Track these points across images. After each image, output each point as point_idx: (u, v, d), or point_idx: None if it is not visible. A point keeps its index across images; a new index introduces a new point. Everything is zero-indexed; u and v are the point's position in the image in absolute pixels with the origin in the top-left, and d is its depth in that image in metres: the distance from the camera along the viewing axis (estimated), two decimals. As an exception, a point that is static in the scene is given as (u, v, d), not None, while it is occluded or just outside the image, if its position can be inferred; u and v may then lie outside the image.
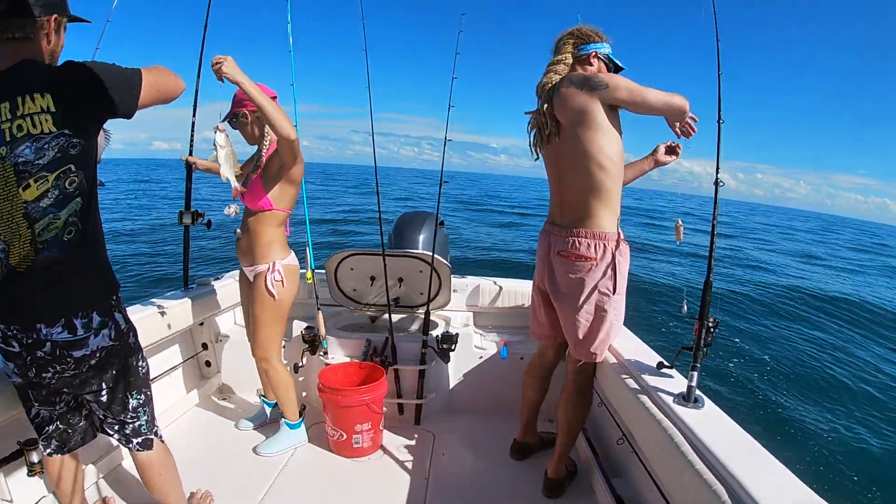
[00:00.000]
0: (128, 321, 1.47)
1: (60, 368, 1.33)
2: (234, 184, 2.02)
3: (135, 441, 1.55)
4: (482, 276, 3.29)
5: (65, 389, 1.43)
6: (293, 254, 2.33)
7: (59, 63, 1.32)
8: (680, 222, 1.86)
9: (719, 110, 1.66)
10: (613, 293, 1.84)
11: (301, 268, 2.42)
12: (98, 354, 1.36)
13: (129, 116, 1.33)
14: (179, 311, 2.60)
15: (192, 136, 2.68)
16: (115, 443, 1.98)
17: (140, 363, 1.51)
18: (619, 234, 1.84)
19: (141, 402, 1.53)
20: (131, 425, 1.52)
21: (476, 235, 14.96)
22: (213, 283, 2.95)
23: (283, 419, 2.42)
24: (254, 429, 2.59)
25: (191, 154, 2.58)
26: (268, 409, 2.65)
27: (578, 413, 2.03)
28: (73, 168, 1.24)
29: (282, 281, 2.22)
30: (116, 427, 1.52)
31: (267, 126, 2.16)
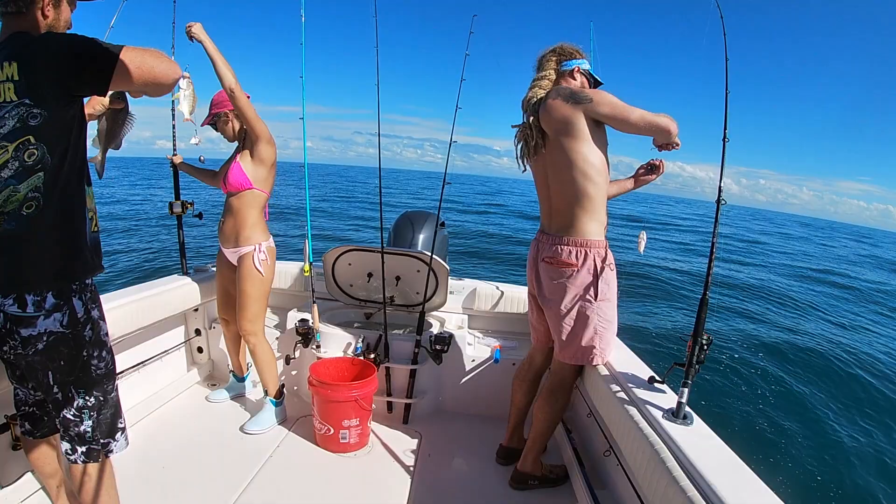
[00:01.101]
0: (88, 312, 1.35)
1: (13, 345, 1.28)
2: (187, 116, 2.19)
3: (80, 450, 1.38)
4: (480, 279, 3.28)
5: (19, 372, 1.37)
6: (271, 237, 2.51)
7: (48, 32, 1.29)
8: (643, 235, 2.00)
9: (725, 128, 1.66)
10: (595, 299, 1.89)
11: (296, 260, 2.51)
12: (45, 338, 1.27)
13: (101, 94, 1.28)
14: (174, 295, 2.61)
15: (174, 135, 2.80)
16: None
17: (95, 361, 1.38)
18: (603, 241, 1.90)
19: (89, 403, 1.37)
20: (75, 428, 1.37)
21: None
22: (211, 268, 2.96)
23: (266, 397, 2.51)
24: (231, 398, 2.76)
25: (175, 153, 2.73)
26: (237, 384, 2.80)
27: (547, 413, 2.08)
28: (32, 140, 1.19)
29: (267, 260, 2.42)
30: (63, 427, 1.37)
31: (241, 125, 2.41)
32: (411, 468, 2.27)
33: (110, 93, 1.60)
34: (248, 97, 2.39)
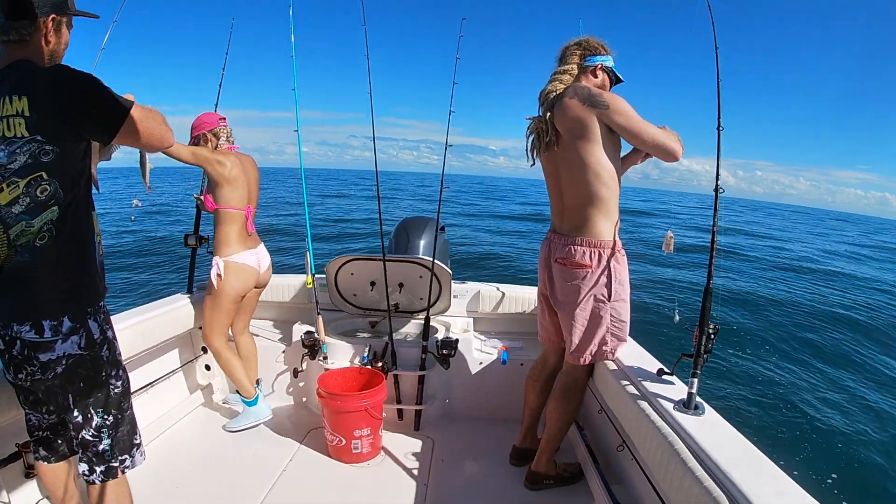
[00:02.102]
0: (103, 333, 1.38)
1: (31, 371, 1.28)
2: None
3: (98, 470, 1.39)
4: (483, 281, 3.28)
5: (39, 396, 1.38)
6: (245, 252, 2.53)
7: (61, 64, 1.30)
8: (671, 234, 1.93)
9: (719, 117, 1.67)
10: (609, 300, 1.88)
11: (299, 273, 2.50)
12: (64, 362, 1.29)
13: (104, 143, 1.31)
14: (180, 314, 2.61)
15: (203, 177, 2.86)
16: None
17: (113, 380, 1.40)
18: (616, 241, 1.89)
19: (108, 423, 1.38)
20: (94, 448, 1.38)
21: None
22: None
23: (240, 398, 2.59)
24: (228, 405, 2.86)
25: (202, 193, 2.76)
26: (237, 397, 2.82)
27: (561, 413, 2.07)
28: (44, 176, 1.19)
29: (219, 275, 2.46)
30: (81, 447, 1.38)
31: (219, 140, 2.52)
32: (425, 474, 2.26)
33: None
34: (224, 117, 2.54)
